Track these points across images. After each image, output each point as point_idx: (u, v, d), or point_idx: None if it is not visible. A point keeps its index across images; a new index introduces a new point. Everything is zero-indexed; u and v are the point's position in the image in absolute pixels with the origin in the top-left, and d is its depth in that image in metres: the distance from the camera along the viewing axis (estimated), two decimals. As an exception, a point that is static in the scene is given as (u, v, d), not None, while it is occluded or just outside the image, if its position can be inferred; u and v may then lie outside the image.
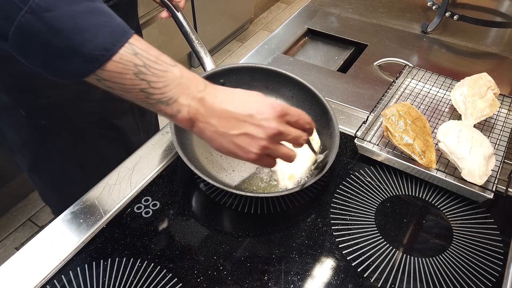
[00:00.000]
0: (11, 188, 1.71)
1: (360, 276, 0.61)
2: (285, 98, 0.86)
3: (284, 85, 0.85)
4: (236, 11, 2.70)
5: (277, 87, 0.86)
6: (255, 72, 0.85)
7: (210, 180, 0.66)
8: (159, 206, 0.70)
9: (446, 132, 0.75)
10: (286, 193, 0.66)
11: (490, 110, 0.80)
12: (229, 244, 0.65)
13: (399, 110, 0.78)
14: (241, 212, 0.70)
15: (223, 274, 0.61)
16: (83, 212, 0.69)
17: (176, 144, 0.70)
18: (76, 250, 0.63)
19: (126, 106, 0.91)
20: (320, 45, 1.18)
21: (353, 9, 1.28)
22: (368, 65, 1.04)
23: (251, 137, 0.51)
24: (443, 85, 0.92)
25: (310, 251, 0.64)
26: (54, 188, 0.95)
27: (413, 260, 0.64)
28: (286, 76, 0.84)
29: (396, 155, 0.76)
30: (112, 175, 0.75)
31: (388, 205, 0.72)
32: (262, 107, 0.52)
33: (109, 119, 0.88)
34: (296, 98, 0.85)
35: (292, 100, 0.85)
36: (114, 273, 0.61)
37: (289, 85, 0.85)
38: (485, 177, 0.69)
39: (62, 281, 0.60)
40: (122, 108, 0.90)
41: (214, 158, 0.76)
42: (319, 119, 0.81)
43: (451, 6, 1.27)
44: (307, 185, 0.67)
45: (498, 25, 1.17)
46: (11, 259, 0.62)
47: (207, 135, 0.52)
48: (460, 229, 0.68)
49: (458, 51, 1.11)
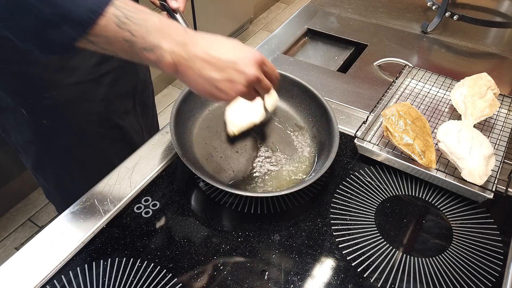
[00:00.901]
0: (11, 188, 1.71)
1: (360, 276, 0.61)
2: (284, 98, 0.86)
3: (283, 85, 0.85)
4: (236, 11, 2.70)
5: (284, 92, 0.86)
6: None
7: (210, 180, 0.66)
8: (159, 206, 0.70)
9: (446, 132, 0.75)
10: (286, 192, 0.66)
11: (490, 110, 0.80)
12: (229, 244, 0.65)
13: (399, 110, 0.78)
14: (241, 212, 0.70)
15: (223, 274, 0.61)
16: (83, 212, 0.68)
17: (176, 145, 0.70)
18: (76, 250, 0.63)
19: (129, 106, 0.92)
20: (320, 45, 1.18)
21: (353, 9, 1.28)
22: (368, 65, 1.04)
23: (232, 82, 0.55)
24: (443, 85, 0.92)
25: (310, 251, 0.64)
26: (58, 187, 0.95)
27: (413, 260, 0.64)
28: (285, 77, 0.84)
29: (396, 155, 0.76)
30: (112, 175, 0.75)
31: (388, 205, 0.72)
32: (244, 54, 0.55)
33: (112, 119, 0.88)
34: (296, 98, 0.85)
35: (292, 101, 0.86)
36: (114, 273, 0.61)
37: (288, 86, 0.85)
38: (485, 177, 0.69)
39: (62, 281, 0.60)
40: (125, 108, 0.91)
41: (214, 159, 0.76)
42: (318, 119, 0.81)
43: (451, 6, 1.27)
44: (307, 185, 0.67)
45: (498, 25, 1.17)
46: (11, 259, 0.62)
47: (191, 78, 0.54)
48: (460, 229, 0.68)
49: (458, 51, 1.11)
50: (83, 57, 0.77)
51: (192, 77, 0.54)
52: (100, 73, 0.81)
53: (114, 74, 0.83)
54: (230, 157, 0.77)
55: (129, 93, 0.91)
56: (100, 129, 0.87)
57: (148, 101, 1.03)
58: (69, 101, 0.80)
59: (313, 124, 0.82)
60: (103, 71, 0.81)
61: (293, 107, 0.86)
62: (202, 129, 0.81)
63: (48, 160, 0.89)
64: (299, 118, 0.84)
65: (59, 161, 0.89)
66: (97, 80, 0.81)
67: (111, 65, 0.82)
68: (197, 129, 0.81)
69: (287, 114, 0.85)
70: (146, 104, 1.01)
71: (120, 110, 0.89)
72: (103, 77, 0.82)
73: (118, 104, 0.88)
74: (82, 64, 0.78)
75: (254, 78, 0.56)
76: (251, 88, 0.57)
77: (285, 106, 0.86)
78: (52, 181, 0.94)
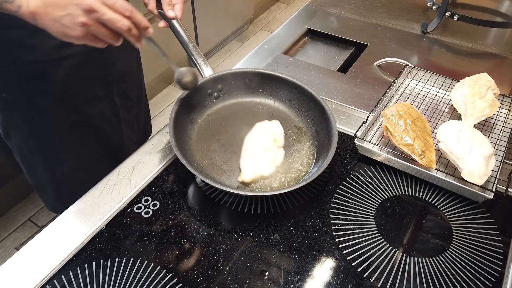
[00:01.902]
0: (11, 188, 1.71)
1: (360, 276, 0.61)
2: (282, 100, 0.86)
3: (281, 88, 0.86)
4: (236, 11, 2.70)
5: (274, 90, 0.87)
6: (251, 76, 0.86)
7: (210, 181, 0.66)
8: (159, 206, 0.70)
9: (446, 132, 0.75)
10: (285, 191, 0.66)
11: (490, 110, 0.80)
12: (229, 244, 0.65)
13: (399, 110, 0.78)
14: (241, 212, 0.70)
15: (223, 274, 0.61)
16: (83, 212, 0.69)
17: (175, 147, 0.70)
18: (76, 250, 0.63)
19: (101, 93, 0.92)
20: (320, 45, 1.18)
21: (353, 9, 1.28)
22: (368, 65, 1.04)
23: (72, 16, 0.59)
24: (443, 85, 0.92)
25: (310, 251, 0.64)
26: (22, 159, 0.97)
27: (413, 260, 0.64)
28: (282, 79, 0.85)
29: (396, 155, 0.76)
30: (112, 175, 0.75)
31: (388, 205, 0.72)
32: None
33: (71, 102, 0.89)
34: (294, 100, 0.85)
35: (290, 103, 0.86)
36: (114, 273, 0.61)
37: (287, 88, 0.85)
38: (485, 177, 0.69)
39: (62, 281, 0.60)
40: (92, 95, 0.91)
41: (213, 161, 0.76)
42: (317, 119, 0.81)
43: (451, 6, 1.27)
44: (305, 183, 0.67)
45: (498, 25, 1.17)
46: (11, 259, 0.62)
47: (46, 23, 0.60)
48: (460, 229, 0.68)
49: (458, 51, 1.11)
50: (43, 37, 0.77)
51: (47, 22, 0.60)
52: (60, 56, 0.82)
53: (77, 58, 0.84)
54: (230, 159, 0.77)
55: (99, 81, 0.91)
56: (60, 110, 0.88)
57: (131, 93, 1.03)
58: (27, 78, 0.82)
59: (312, 124, 0.82)
60: (64, 54, 0.83)
61: (291, 109, 0.86)
62: (201, 133, 0.81)
63: (12, 131, 0.91)
64: (297, 119, 0.84)
65: (20, 133, 0.91)
66: (57, 62, 0.82)
67: (74, 49, 0.83)
68: (196, 132, 0.81)
69: (286, 116, 0.85)
70: (128, 96, 1.01)
71: (85, 96, 0.90)
72: (64, 60, 0.83)
73: (81, 89, 0.89)
74: (41, 44, 0.79)
75: (87, 7, 0.58)
76: (94, 20, 0.60)
77: (283, 107, 0.86)
78: (16, 152, 0.96)
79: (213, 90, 0.85)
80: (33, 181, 1.01)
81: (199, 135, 0.81)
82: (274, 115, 0.85)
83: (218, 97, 0.86)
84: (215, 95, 0.85)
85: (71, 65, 0.84)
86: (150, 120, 1.22)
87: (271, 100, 0.87)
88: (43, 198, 1.07)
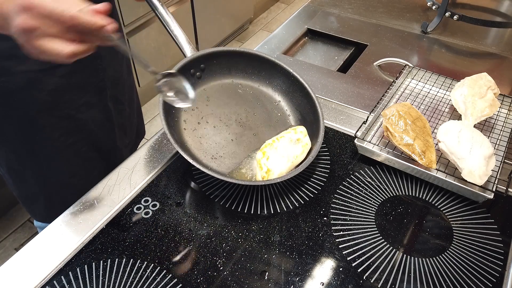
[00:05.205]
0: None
1: (360, 277, 0.61)
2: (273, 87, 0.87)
3: (273, 74, 0.86)
4: (236, 11, 2.70)
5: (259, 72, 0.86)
6: (234, 56, 0.85)
7: (210, 172, 0.67)
8: (159, 207, 0.70)
9: (446, 132, 0.75)
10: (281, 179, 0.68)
11: (490, 110, 0.80)
12: (229, 244, 0.65)
13: (399, 110, 0.78)
14: (241, 212, 0.70)
15: (223, 274, 0.61)
16: (83, 212, 0.68)
17: (172, 140, 0.69)
18: (75, 251, 0.63)
19: (94, 100, 0.91)
20: (320, 45, 1.18)
21: (353, 9, 1.27)
22: (368, 65, 1.04)
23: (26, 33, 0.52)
24: (443, 85, 0.92)
25: (310, 251, 0.64)
26: (9, 171, 0.95)
27: (413, 261, 0.64)
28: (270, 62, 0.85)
29: (396, 155, 0.75)
30: (112, 175, 0.74)
31: (388, 205, 0.72)
32: None
33: (63, 109, 0.87)
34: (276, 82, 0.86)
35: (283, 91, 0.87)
36: (114, 274, 0.61)
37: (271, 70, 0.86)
38: (485, 177, 0.69)
39: (62, 282, 0.60)
40: (85, 101, 0.90)
41: (203, 146, 0.76)
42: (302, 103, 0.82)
43: (451, 6, 1.27)
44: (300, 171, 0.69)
45: (498, 25, 1.17)
46: (11, 260, 0.62)
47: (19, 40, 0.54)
48: (460, 229, 0.68)
49: (458, 51, 1.11)
50: None
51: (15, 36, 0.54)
52: (51, 65, 0.80)
53: (68, 67, 0.83)
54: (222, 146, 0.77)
55: (91, 87, 0.90)
56: (51, 118, 0.87)
57: (123, 98, 1.02)
58: (17, 88, 0.81)
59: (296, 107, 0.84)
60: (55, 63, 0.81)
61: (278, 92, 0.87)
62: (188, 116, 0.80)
63: (0, 143, 0.89)
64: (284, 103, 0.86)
65: (8, 144, 0.89)
66: (48, 70, 0.81)
67: None
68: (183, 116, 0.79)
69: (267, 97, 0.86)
70: (120, 100, 1.01)
71: (77, 102, 0.89)
72: (56, 68, 0.81)
73: (74, 96, 0.87)
74: None
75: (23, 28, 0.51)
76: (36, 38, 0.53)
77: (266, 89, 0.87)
78: (4, 164, 0.94)
79: (196, 70, 0.83)
80: (21, 193, 0.99)
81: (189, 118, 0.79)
82: (258, 98, 0.86)
83: (201, 77, 0.84)
84: (198, 75, 0.83)
85: (63, 73, 0.83)
86: (143, 121, 1.22)
87: (256, 83, 0.87)
88: (31, 209, 1.04)
